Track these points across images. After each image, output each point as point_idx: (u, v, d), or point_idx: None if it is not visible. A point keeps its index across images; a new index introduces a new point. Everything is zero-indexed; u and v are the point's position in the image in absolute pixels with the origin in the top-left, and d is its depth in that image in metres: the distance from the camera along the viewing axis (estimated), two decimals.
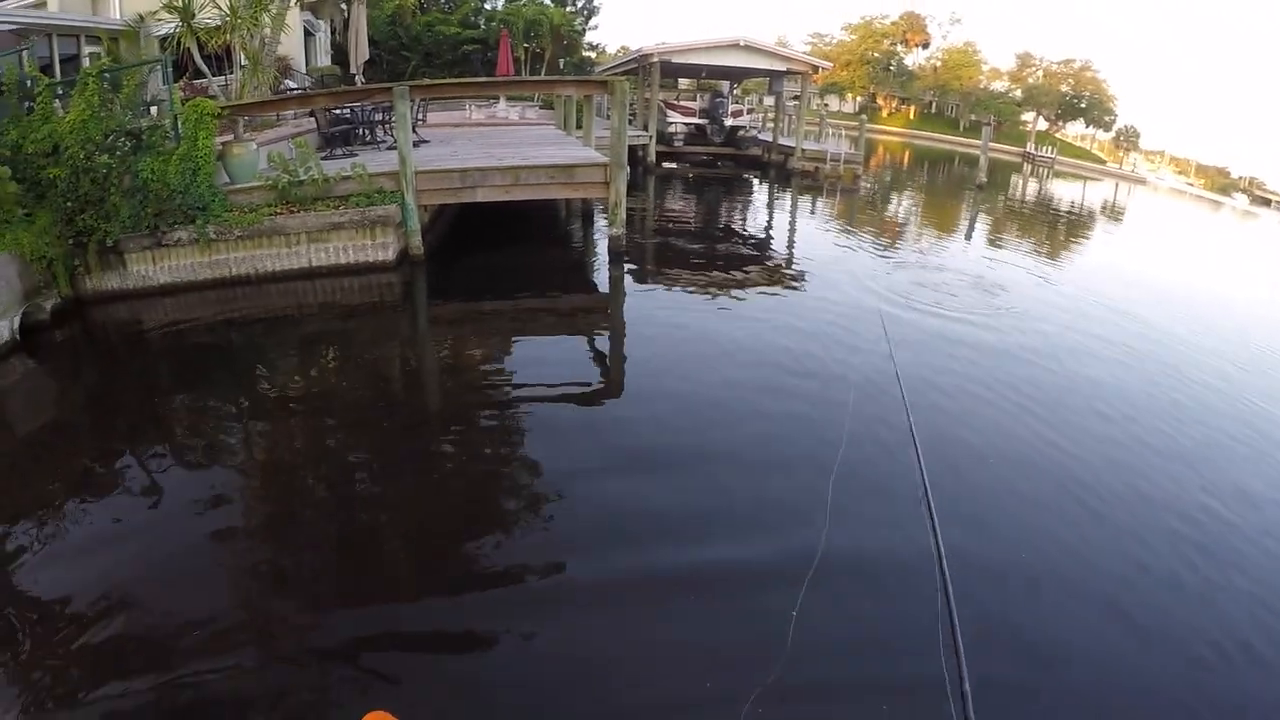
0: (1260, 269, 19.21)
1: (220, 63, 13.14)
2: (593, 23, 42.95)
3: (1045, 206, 24.48)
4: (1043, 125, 60.36)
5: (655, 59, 22.26)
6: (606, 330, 7.92)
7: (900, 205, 20.76)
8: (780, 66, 23.86)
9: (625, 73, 25.11)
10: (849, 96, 67.09)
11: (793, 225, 15.55)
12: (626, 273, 9.76)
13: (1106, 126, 62.26)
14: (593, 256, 11.16)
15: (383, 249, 8.77)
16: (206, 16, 11.13)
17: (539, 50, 34.48)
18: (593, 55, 43.84)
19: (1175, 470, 5.28)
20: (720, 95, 28.00)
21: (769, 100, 30.71)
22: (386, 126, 12.05)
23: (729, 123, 25.92)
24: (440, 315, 8.32)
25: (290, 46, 17.35)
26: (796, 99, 25.93)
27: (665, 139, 24.48)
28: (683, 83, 32.99)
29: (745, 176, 23.33)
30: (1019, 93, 62.98)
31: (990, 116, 54.85)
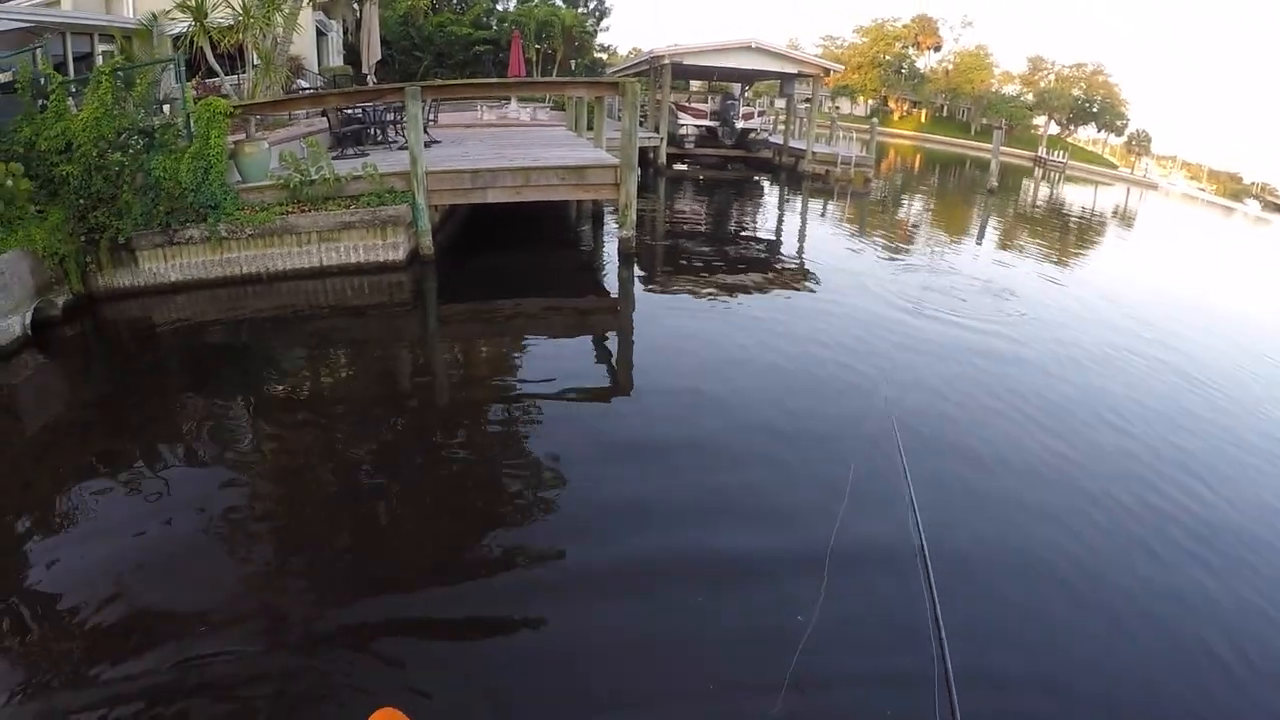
0: (1274, 277, 19.03)
1: (233, 62, 13.21)
2: (604, 24, 43.11)
3: (1056, 211, 24.30)
4: (1054, 129, 59.97)
5: (667, 60, 22.25)
6: (615, 332, 7.91)
7: (911, 209, 20.65)
8: (791, 69, 23.81)
9: (637, 74, 25.12)
10: (860, 99, 66.89)
11: (803, 229, 15.50)
12: (636, 275, 9.75)
13: (1118, 131, 61.84)
14: (603, 258, 11.14)
15: (393, 249, 8.79)
16: (219, 16, 11.22)
17: (550, 51, 34.55)
18: (604, 56, 43.90)
19: (1186, 482, 5.20)
20: (731, 97, 27.87)
21: (780, 103, 30.57)
22: (398, 126, 12.06)
23: (740, 125, 25.81)
24: (450, 315, 8.33)
25: (302, 46, 17.44)
26: (808, 102, 25.87)
27: (676, 141, 24.42)
28: (694, 85, 32.92)
29: (756, 179, 23.27)
30: (1030, 96, 62.61)
31: (1002, 120, 54.60)
